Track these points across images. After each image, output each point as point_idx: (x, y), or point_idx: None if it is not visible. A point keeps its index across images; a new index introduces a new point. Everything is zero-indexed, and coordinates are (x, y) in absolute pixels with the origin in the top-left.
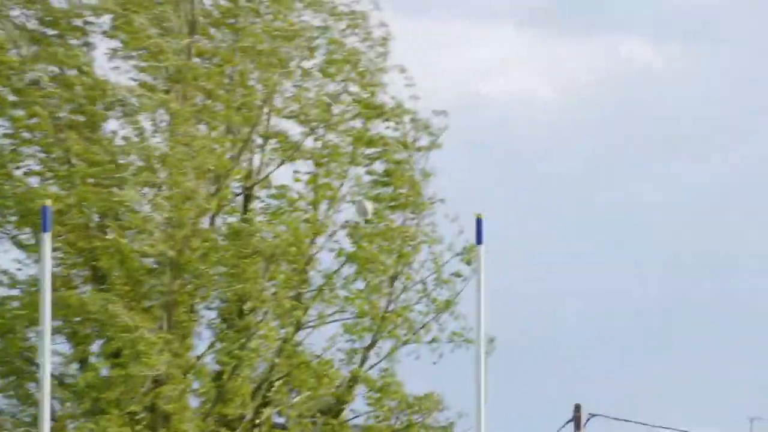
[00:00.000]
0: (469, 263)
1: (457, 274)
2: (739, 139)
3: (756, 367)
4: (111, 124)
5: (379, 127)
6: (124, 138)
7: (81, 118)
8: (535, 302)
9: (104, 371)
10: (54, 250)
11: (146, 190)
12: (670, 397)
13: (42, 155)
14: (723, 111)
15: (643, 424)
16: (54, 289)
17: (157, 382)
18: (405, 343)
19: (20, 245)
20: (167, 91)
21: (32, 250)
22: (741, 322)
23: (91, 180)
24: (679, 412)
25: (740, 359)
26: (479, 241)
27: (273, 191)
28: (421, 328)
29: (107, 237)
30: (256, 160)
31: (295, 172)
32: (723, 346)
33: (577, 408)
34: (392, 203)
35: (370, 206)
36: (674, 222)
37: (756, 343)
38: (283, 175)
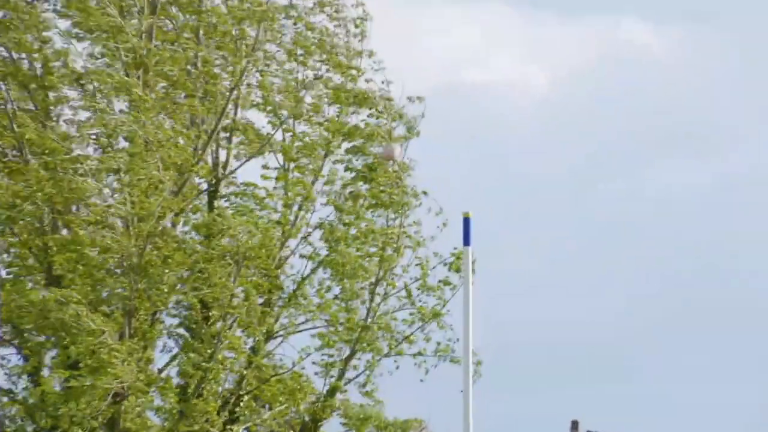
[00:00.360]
0: (458, 271)
1: (446, 282)
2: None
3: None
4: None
5: (358, 117)
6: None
7: (32, 106)
8: (528, 313)
9: (57, 384)
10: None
11: (107, 179)
12: (674, 412)
13: None
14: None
15: None
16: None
17: (117, 395)
18: (386, 356)
19: None
20: (127, 76)
21: None
22: (746, 334)
23: (44, 172)
24: (685, 429)
25: (748, 372)
26: (467, 242)
27: (240, 188)
28: (404, 339)
29: (63, 233)
30: (222, 154)
31: (264, 167)
32: (730, 359)
33: (575, 425)
34: (374, 201)
35: (397, 150)
36: (675, 218)
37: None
38: (251, 172)
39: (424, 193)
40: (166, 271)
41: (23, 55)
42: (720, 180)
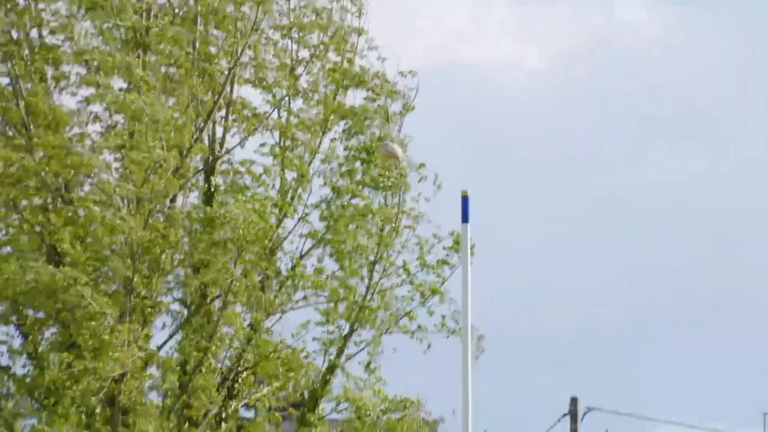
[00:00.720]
0: (457, 251)
1: (444, 262)
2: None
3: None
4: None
5: (355, 97)
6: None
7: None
8: (527, 292)
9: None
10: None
11: (109, 157)
12: (680, 391)
13: None
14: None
15: (646, 418)
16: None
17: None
18: (387, 331)
19: None
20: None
21: None
22: (752, 311)
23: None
24: (691, 407)
25: (753, 350)
26: (465, 219)
27: (236, 167)
28: (404, 315)
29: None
30: (219, 133)
31: (262, 145)
32: (734, 336)
33: (574, 401)
34: (372, 185)
35: (399, 150)
36: (676, 201)
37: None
38: (248, 151)
39: (422, 165)
40: (167, 250)
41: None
42: (717, 164)
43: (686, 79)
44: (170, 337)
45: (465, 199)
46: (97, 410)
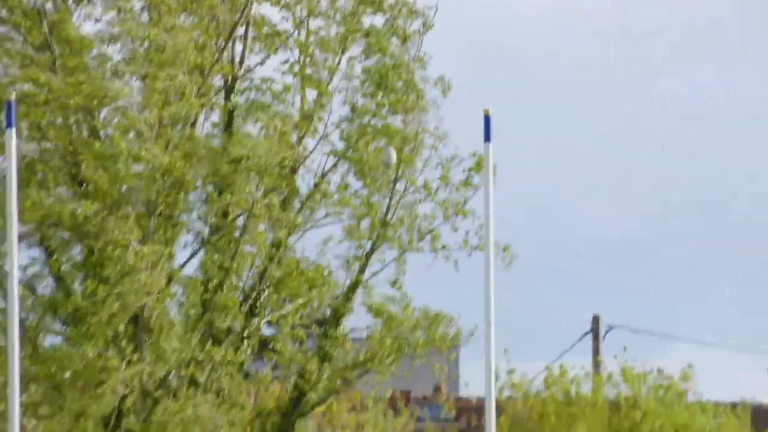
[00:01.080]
0: (478, 172)
1: (467, 183)
2: None
3: None
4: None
5: (374, 20)
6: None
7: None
8: (549, 211)
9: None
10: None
11: (133, 82)
12: (699, 309)
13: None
14: None
15: (666, 335)
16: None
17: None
18: (409, 249)
19: None
20: None
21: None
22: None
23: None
24: (709, 325)
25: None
26: (487, 138)
27: (256, 84)
28: (428, 233)
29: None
30: (239, 51)
31: (284, 62)
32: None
33: (596, 320)
34: (390, 108)
35: (394, 155)
36: (697, 118)
37: None
38: (267, 69)
39: (441, 78)
40: (189, 169)
41: None
42: (732, 86)
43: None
44: (192, 255)
45: (487, 119)
46: (120, 329)
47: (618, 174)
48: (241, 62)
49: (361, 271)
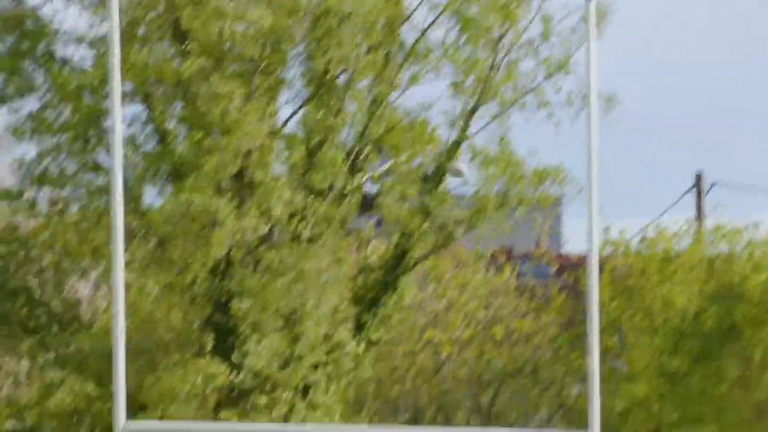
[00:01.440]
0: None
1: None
2: None
3: None
4: None
5: None
6: None
7: None
8: (655, 69)
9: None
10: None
11: None
12: None
13: None
14: None
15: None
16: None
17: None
18: (513, 104)
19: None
20: None
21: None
22: None
23: None
24: None
25: None
26: None
27: None
28: (532, 89)
29: None
30: None
31: None
32: None
33: (698, 177)
34: None
35: (464, 167)
36: None
37: None
38: None
39: None
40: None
41: None
42: None
43: None
44: (294, 113)
45: None
46: (224, 184)
47: (724, 35)
48: None
49: (464, 129)
